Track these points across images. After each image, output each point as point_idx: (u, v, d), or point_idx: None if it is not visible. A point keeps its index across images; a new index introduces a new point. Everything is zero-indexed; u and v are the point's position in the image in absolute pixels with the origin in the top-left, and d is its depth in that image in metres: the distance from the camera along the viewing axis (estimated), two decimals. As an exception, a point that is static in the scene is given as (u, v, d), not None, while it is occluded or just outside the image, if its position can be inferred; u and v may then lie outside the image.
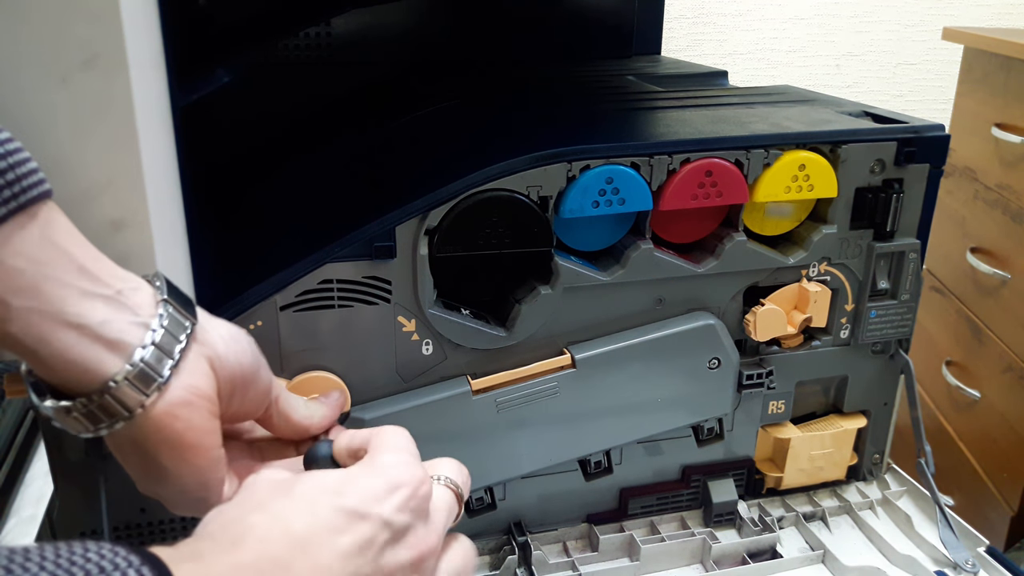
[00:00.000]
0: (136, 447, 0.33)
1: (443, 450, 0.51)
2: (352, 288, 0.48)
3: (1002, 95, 1.12)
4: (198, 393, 0.33)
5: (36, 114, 0.34)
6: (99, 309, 0.31)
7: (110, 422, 0.32)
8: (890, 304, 0.57)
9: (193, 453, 0.33)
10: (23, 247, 0.30)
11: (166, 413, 0.32)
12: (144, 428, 0.32)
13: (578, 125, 0.57)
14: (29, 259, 0.30)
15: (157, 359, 0.32)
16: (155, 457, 0.33)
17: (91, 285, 0.31)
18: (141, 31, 0.36)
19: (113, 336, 0.31)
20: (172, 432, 0.33)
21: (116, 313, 0.32)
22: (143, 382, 0.31)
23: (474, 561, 0.38)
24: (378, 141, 0.63)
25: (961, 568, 0.55)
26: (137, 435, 0.33)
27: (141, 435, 0.32)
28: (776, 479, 0.60)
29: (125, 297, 0.32)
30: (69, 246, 0.31)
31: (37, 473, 0.67)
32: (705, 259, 0.53)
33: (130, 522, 0.49)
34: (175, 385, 0.32)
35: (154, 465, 0.34)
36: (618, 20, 0.87)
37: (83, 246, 0.32)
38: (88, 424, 0.32)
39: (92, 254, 0.32)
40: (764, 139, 0.52)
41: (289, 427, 0.40)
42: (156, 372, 0.32)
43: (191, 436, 0.33)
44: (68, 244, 0.31)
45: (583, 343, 0.53)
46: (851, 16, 1.49)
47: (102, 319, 0.31)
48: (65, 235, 0.31)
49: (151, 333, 0.32)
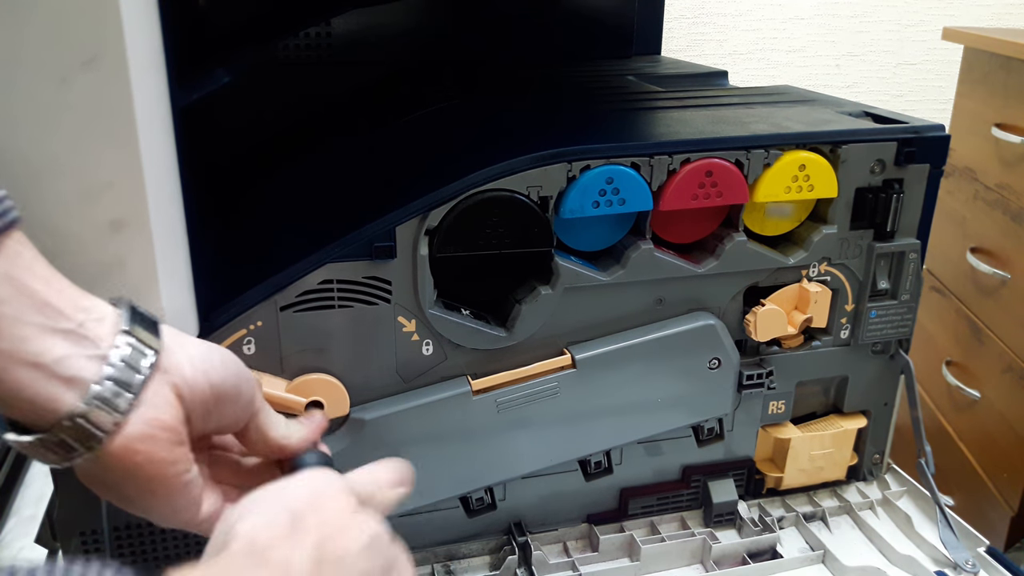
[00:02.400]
0: (100, 478, 0.33)
1: (443, 450, 0.52)
2: (352, 288, 0.48)
3: (1002, 95, 1.12)
4: (159, 425, 0.33)
5: (36, 114, 0.34)
6: (58, 345, 0.31)
7: (69, 456, 0.32)
8: (890, 304, 0.57)
9: (157, 484, 0.33)
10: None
11: (125, 448, 0.32)
12: (104, 462, 0.32)
13: (578, 125, 0.57)
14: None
15: (114, 393, 0.31)
16: (119, 488, 0.33)
17: (52, 320, 0.31)
18: (141, 31, 0.36)
19: (70, 373, 0.31)
20: (132, 465, 0.32)
21: (75, 347, 0.31)
22: (99, 418, 0.31)
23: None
24: (378, 141, 0.63)
25: (961, 568, 0.55)
26: (99, 468, 0.32)
27: (102, 468, 0.32)
28: (776, 479, 0.60)
29: (87, 329, 0.32)
30: (30, 281, 0.31)
31: (37, 473, 0.67)
32: (705, 259, 0.53)
33: (130, 522, 0.49)
34: (134, 419, 0.32)
35: (120, 495, 0.34)
36: (618, 20, 0.87)
37: (46, 278, 0.31)
38: (52, 456, 0.32)
39: (56, 286, 0.32)
40: (764, 139, 0.52)
41: (265, 445, 0.39)
42: (112, 407, 0.31)
43: (151, 468, 0.33)
44: (29, 279, 0.31)
45: (583, 343, 0.53)
46: (851, 16, 1.48)
47: (59, 356, 0.30)
48: (27, 269, 0.31)
49: (108, 368, 0.31)
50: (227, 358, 0.36)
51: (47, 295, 0.31)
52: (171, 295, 0.40)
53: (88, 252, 0.37)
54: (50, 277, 0.32)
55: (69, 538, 0.48)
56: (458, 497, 0.54)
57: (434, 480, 0.52)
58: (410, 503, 0.51)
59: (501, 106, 0.67)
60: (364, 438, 0.49)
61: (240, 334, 0.47)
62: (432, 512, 0.54)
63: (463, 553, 0.56)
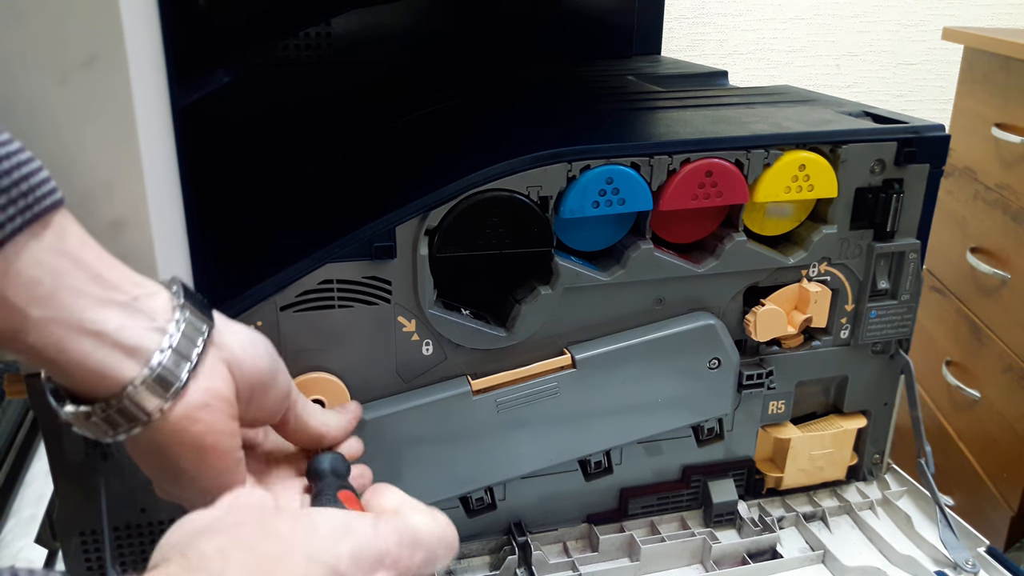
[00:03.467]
0: (156, 451, 0.33)
1: (443, 450, 0.52)
2: (352, 288, 0.48)
3: (1002, 95, 1.12)
4: (217, 395, 0.33)
5: (36, 114, 0.34)
6: (116, 316, 0.31)
7: (129, 426, 0.32)
8: (890, 304, 0.57)
9: (213, 455, 0.34)
10: (39, 257, 0.30)
11: (185, 416, 0.32)
12: (164, 432, 0.32)
13: (578, 125, 0.57)
14: (45, 269, 0.30)
15: (175, 363, 0.32)
16: (175, 460, 0.33)
17: (107, 292, 0.31)
18: (141, 31, 0.36)
19: (131, 342, 0.31)
20: (192, 435, 0.33)
21: (133, 319, 0.32)
22: (162, 386, 0.32)
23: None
24: (378, 141, 0.63)
25: (961, 568, 0.55)
26: (157, 439, 0.33)
27: (161, 439, 0.33)
28: (776, 479, 0.60)
29: (141, 303, 0.32)
30: (84, 254, 0.31)
31: (37, 473, 0.67)
32: (705, 259, 0.53)
33: (130, 522, 0.49)
34: (193, 388, 0.33)
35: (174, 468, 0.34)
36: (618, 20, 0.87)
37: (98, 254, 0.32)
38: (108, 429, 0.32)
39: (107, 261, 0.32)
40: (764, 139, 0.52)
41: (305, 434, 0.40)
42: (174, 376, 0.32)
43: (211, 439, 0.33)
44: (83, 252, 0.31)
45: (583, 343, 0.53)
46: (851, 16, 1.48)
47: (119, 325, 0.31)
48: (79, 243, 0.31)
49: (168, 337, 0.32)
50: (268, 346, 0.37)
51: (100, 269, 0.32)
52: (171, 295, 0.40)
53: (88, 252, 0.37)
54: (101, 254, 0.32)
55: (69, 538, 0.48)
56: (458, 497, 0.54)
57: (434, 480, 0.52)
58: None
59: (501, 106, 0.66)
60: (364, 438, 0.49)
61: (240, 334, 0.46)
62: (432, 512, 0.54)
63: (463, 553, 0.56)
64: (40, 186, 0.30)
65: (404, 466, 0.51)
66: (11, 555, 0.57)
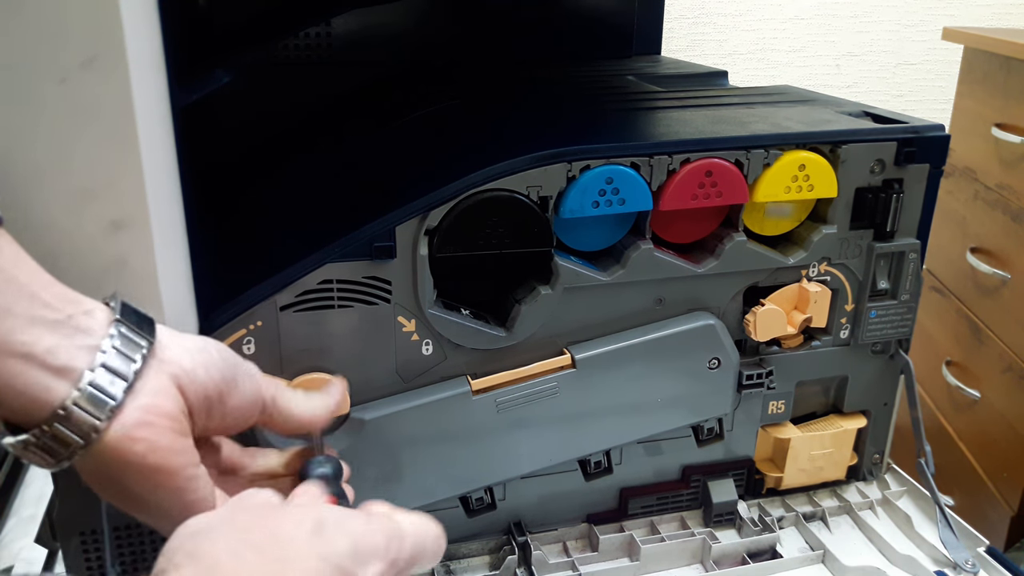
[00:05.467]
0: (103, 474, 0.32)
1: (443, 450, 0.52)
2: (352, 288, 0.48)
3: (1002, 95, 1.12)
4: (158, 412, 0.32)
5: (35, 114, 0.34)
6: (47, 336, 0.30)
7: (68, 452, 0.31)
8: (890, 304, 0.57)
9: (162, 475, 0.32)
10: None
11: (124, 436, 0.31)
12: (104, 455, 0.31)
13: (578, 125, 0.57)
14: None
15: (108, 381, 0.31)
16: (122, 483, 0.32)
17: (40, 311, 0.30)
18: (141, 31, 0.36)
19: (60, 362, 0.30)
20: (133, 455, 0.31)
21: (65, 338, 0.31)
22: (95, 406, 0.30)
23: None
24: (378, 141, 0.63)
25: (961, 568, 0.55)
26: (99, 464, 0.31)
27: (103, 463, 0.31)
28: (776, 479, 0.60)
29: (76, 321, 0.31)
30: (17, 273, 0.30)
31: (37, 473, 0.67)
32: (705, 259, 0.53)
33: (130, 523, 0.49)
34: (131, 407, 0.31)
35: (124, 491, 0.33)
36: (618, 20, 0.87)
37: (32, 272, 0.31)
38: (47, 457, 0.31)
39: (42, 280, 0.31)
40: (764, 139, 0.52)
41: (295, 424, 0.40)
42: (108, 395, 0.31)
43: (153, 457, 0.32)
44: (16, 271, 0.30)
45: (583, 343, 0.53)
46: (851, 16, 1.48)
47: (49, 346, 0.30)
48: (12, 262, 0.31)
49: (100, 355, 0.31)
50: (223, 351, 0.36)
51: (33, 288, 0.31)
52: (171, 295, 0.40)
53: (88, 252, 0.37)
54: (36, 272, 0.31)
55: (69, 538, 0.48)
56: (458, 497, 0.54)
57: (434, 480, 0.52)
58: (410, 503, 0.51)
59: (501, 106, 0.67)
60: (364, 438, 0.49)
61: (240, 334, 0.47)
62: (432, 512, 0.53)
63: (463, 553, 0.56)
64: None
65: (404, 466, 0.51)
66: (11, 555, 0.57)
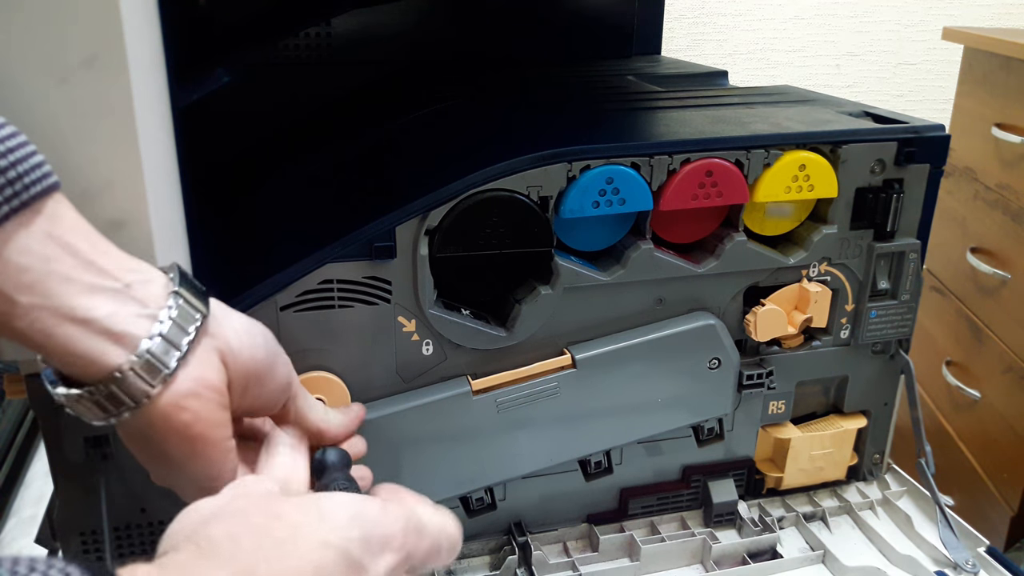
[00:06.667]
0: (145, 437, 0.33)
1: (443, 450, 0.52)
2: (352, 288, 0.48)
3: (1002, 95, 1.12)
4: (206, 385, 0.33)
5: (36, 114, 0.34)
6: (106, 303, 0.31)
7: (118, 411, 0.32)
8: (890, 304, 0.57)
9: (202, 444, 0.34)
10: (28, 244, 0.30)
11: (173, 404, 0.32)
12: (151, 418, 0.32)
13: (578, 125, 0.57)
14: (34, 256, 0.30)
15: (163, 350, 0.32)
16: (163, 447, 0.33)
17: (98, 279, 0.31)
18: (141, 31, 0.36)
19: (118, 329, 0.31)
20: (179, 423, 0.33)
21: (123, 306, 0.32)
22: (149, 373, 0.32)
23: None
24: (378, 141, 0.63)
25: (961, 568, 0.55)
26: (145, 425, 0.33)
27: (149, 425, 0.33)
28: (776, 479, 0.60)
29: (134, 290, 0.32)
30: (76, 241, 0.31)
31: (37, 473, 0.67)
32: (705, 259, 0.53)
33: (130, 522, 0.49)
34: (182, 377, 0.33)
35: (163, 455, 0.34)
36: (618, 20, 0.87)
37: (91, 240, 0.32)
38: (98, 411, 0.32)
39: (101, 248, 0.32)
40: (764, 139, 0.52)
41: (305, 428, 0.40)
42: (162, 363, 0.32)
43: (198, 427, 0.33)
44: (75, 239, 0.31)
45: (583, 343, 0.53)
46: (851, 16, 1.48)
47: (108, 312, 0.31)
48: (71, 230, 0.31)
49: (158, 325, 0.32)
50: (267, 335, 0.37)
51: (92, 256, 0.32)
52: (171, 295, 0.40)
53: (88, 252, 0.37)
54: (96, 240, 0.32)
55: (69, 538, 0.48)
56: (458, 497, 0.54)
57: (434, 480, 0.52)
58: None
59: (501, 106, 0.67)
60: (364, 438, 0.49)
61: (240, 334, 0.46)
62: (432, 512, 0.54)
63: (463, 553, 0.55)
64: (30, 172, 0.30)
65: (404, 466, 0.51)
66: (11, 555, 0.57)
